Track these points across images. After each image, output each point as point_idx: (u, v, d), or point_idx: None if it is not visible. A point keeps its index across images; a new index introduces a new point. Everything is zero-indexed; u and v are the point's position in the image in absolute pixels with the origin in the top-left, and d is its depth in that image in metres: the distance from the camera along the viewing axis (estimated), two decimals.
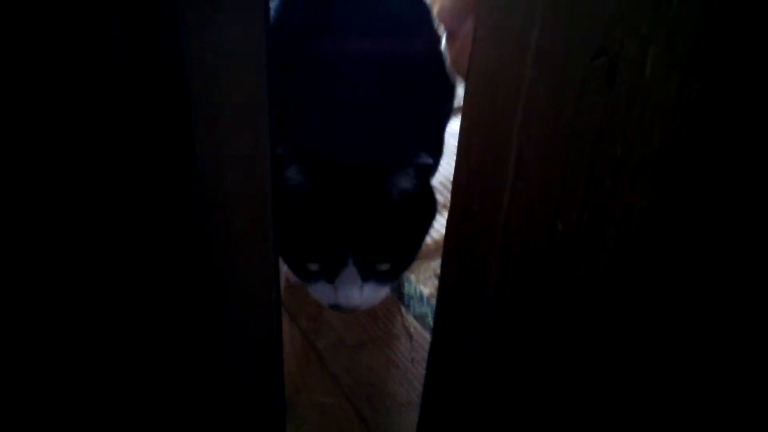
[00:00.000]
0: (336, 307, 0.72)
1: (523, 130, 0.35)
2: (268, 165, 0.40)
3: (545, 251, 0.37)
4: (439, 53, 0.81)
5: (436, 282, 0.97)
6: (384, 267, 0.70)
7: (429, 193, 0.74)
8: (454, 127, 0.64)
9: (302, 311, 0.87)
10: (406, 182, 0.68)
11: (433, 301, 0.92)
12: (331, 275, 0.69)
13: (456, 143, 0.41)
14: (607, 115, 0.31)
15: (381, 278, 0.71)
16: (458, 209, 0.43)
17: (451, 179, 0.42)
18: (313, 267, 0.69)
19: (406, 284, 0.95)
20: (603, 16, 0.30)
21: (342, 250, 0.68)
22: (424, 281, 0.97)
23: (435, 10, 0.73)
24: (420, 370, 0.79)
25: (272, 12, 0.87)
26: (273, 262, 0.45)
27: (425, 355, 0.81)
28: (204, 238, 0.40)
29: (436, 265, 1.01)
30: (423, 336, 0.85)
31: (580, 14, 0.31)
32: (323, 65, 0.76)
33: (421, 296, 0.93)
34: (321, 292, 0.72)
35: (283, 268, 0.88)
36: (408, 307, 0.90)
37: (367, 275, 0.69)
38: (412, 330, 0.86)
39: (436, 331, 0.51)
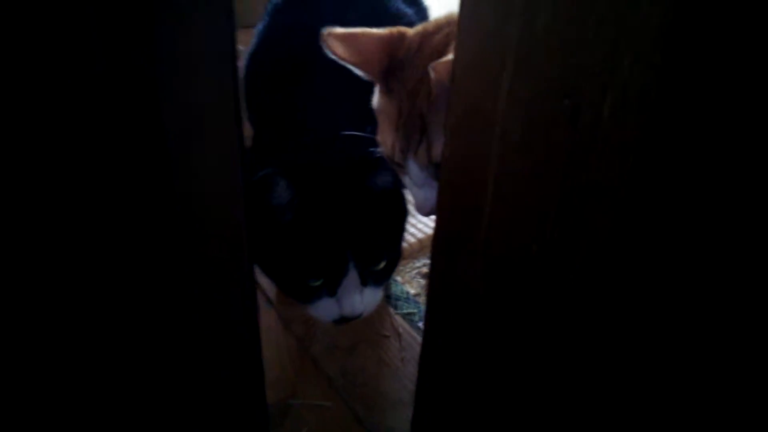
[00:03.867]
0: (341, 320, 0.76)
1: (499, 163, 0.39)
2: (232, 113, 0.43)
3: (522, 268, 0.41)
4: None
5: (421, 281, 1.01)
6: (379, 266, 0.76)
7: (401, 190, 0.81)
8: None
9: (296, 319, 0.90)
10: (385, 178, 0.75)
11: (420, 300, 0.96)
12: (333, 286, 0.74)
13: None
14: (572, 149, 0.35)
15: (376, 280, 0.77)
16: (443, 234, 0.47)
17: None
18: (316, 283, 0.74)
19: (393, 285, 0.99)
20: (568, 65, 0.34)
21: (342, 255, 0.73)
22: (409, 281, 1.01)
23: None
24: (410, 368, 0.83)
25: (252, 47, 0.94)
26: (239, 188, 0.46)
27: (414, 353, 0.85)
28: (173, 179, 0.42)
29: (420, 264, 1.05)
30: (411, 335, 0.89)
31: (547, 61, 0.35)
32: (298, 91, 0.83)
33: (408, 296, 0.97)
34: (323, 308, 0.75)
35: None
36: (395, 307, 0.94)
37: (366, 278, 0.75)
38: (400, 329, 0.90)
39: (427, 329, 0.54)
